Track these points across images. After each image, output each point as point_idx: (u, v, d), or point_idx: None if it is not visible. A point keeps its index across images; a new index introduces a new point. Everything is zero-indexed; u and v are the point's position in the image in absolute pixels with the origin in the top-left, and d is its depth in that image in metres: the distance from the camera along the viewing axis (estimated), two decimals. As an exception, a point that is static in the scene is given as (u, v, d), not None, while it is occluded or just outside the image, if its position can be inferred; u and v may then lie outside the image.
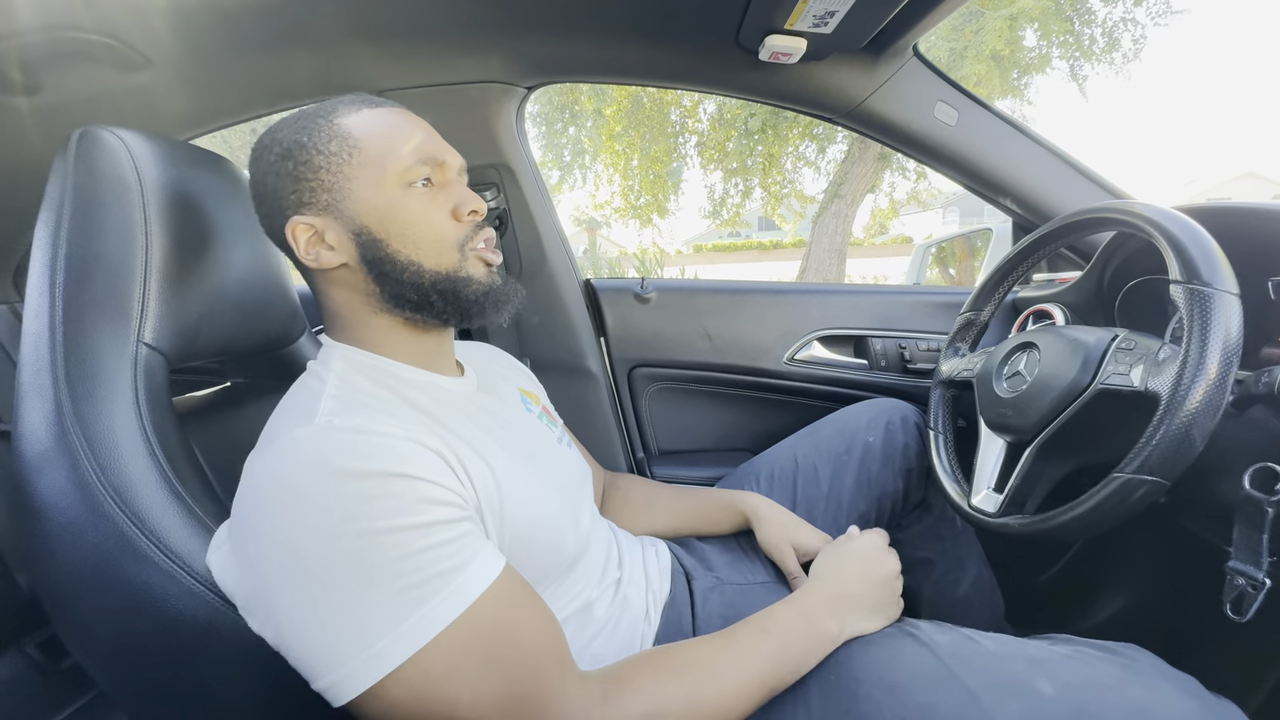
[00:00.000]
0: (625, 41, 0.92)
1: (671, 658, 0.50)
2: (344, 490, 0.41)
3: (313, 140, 0.51)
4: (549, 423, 0.71)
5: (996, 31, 5.52)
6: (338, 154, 0.51)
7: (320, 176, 0.51)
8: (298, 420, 0.46)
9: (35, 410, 0.48)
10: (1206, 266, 0.54)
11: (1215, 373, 0.50)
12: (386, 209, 0.51)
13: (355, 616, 0.39)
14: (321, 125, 0.52)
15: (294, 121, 0.53)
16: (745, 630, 0.54)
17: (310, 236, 0.52)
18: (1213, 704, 0.49)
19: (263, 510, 0.42)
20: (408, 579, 0.40)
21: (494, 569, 0.45)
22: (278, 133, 0.53)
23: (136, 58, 0.82)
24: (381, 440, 0.43)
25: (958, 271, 3.73)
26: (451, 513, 0.44)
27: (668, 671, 0.48)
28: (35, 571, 0.48)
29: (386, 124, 0.53)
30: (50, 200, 0.53)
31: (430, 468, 0.45)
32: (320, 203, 0.51)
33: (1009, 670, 0.52)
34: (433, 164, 0.54)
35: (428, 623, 0.40)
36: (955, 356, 0.87)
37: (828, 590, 0.59)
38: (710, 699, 0.48)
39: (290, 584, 0.40)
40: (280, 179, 0.52)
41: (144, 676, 0.50)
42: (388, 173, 0.51)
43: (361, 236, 0.52)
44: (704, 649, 0.51)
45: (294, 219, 0.51)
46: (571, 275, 1.13)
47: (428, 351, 0.58)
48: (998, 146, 0.98)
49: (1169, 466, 0.52)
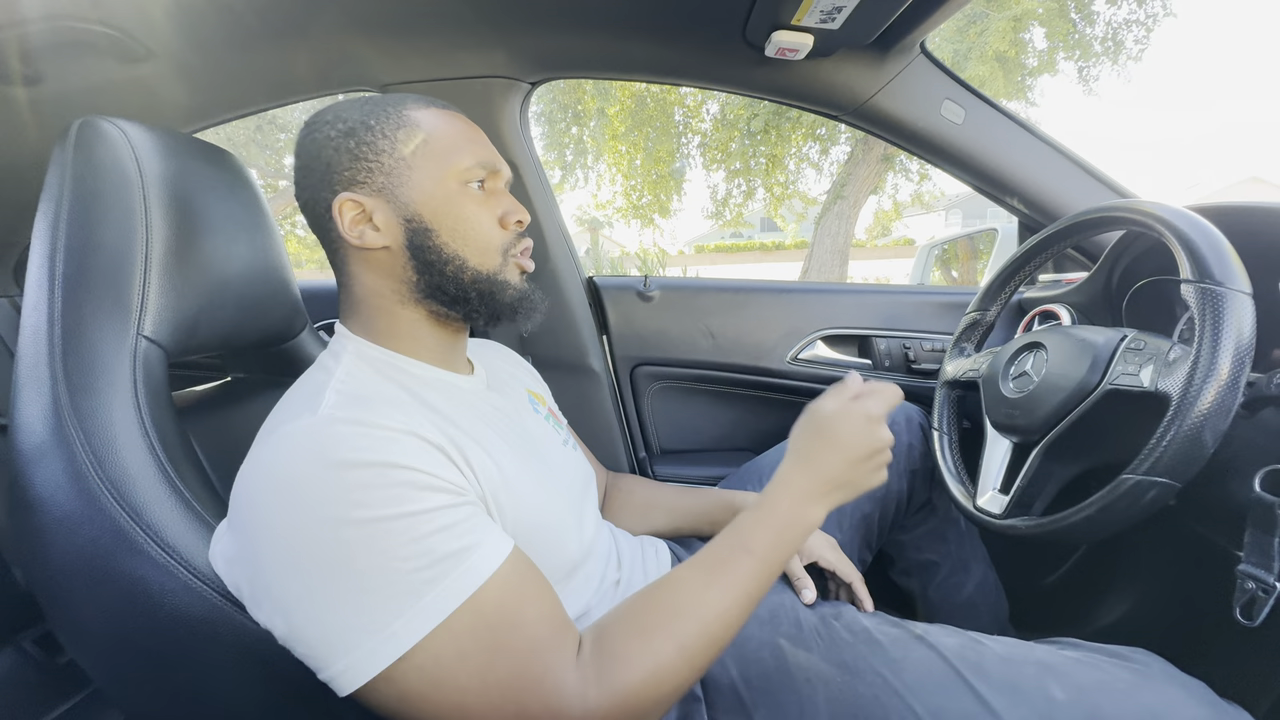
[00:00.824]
0: (630, 37, 0.91)
1: (657, 609, 0.47)
2: (344, 480, 0.40)
3: (380, 124, 0.53)
4: (555, 425, 0.71)
5: (1001, 32, 5.51)
6: (404, 141, 0.53)
7: (381, 159, 0.52)
8: (300, 411, 0.46)
9: (32, 403, 0.47)
10: (1219, 265, 0.53)
11: (1227, 373, 0.50)
12: (442, 201, 0.53)
13: (367, 601, 0.39)
14: (390, 113, 0.54)
15: (360, 104, 0.55)
16: (728, 554, 0.50)
17: (357, 214, 0.53)
18: (1224, 710, 0.49)
19: (264, 501, 0.42)
20: (416, 561, 0.40)
21: (503, 550, 0.45)
22: (342, 111, 0.54)
23: (139, 49, 0.82)
24: (382, 432, 0.43)
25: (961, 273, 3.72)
26: (452, 499, 0.44)
27: (657, 629, 0.46)
28: (30, 565, 0.48)
29: (453, 124, 0.56)
30: (50, 191, 0.52)
31: (429, 460, 0.44)
32: (375, 184, 0.53)
33: (1019, 675, 0.52)
34: (489, 170, 0.56)
35: (440, 604, 0.40)
36: (960, 357, 0.87)
37: (806, 482, 0.53)
38: (702, 639, 0.46)
39: (298, 574, 0.40)
40: (338, 154, 0.52)
41: (138, 672, 0.50)
42: (450, 168, 0.54)
43: (412, 223, 0.53)
44: (689, 589, 0.48)
45: (343, 195, 0.52)
46: (574, 272, 1.13)
47: (443, 348, 0.58)
48: (1005, 145, 0.98)
49: (1180, 469, 0.51)
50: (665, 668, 0.44)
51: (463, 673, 0.40)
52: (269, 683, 0.48)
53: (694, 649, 0.45)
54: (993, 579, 0.91)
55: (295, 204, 0.68)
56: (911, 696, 0.51)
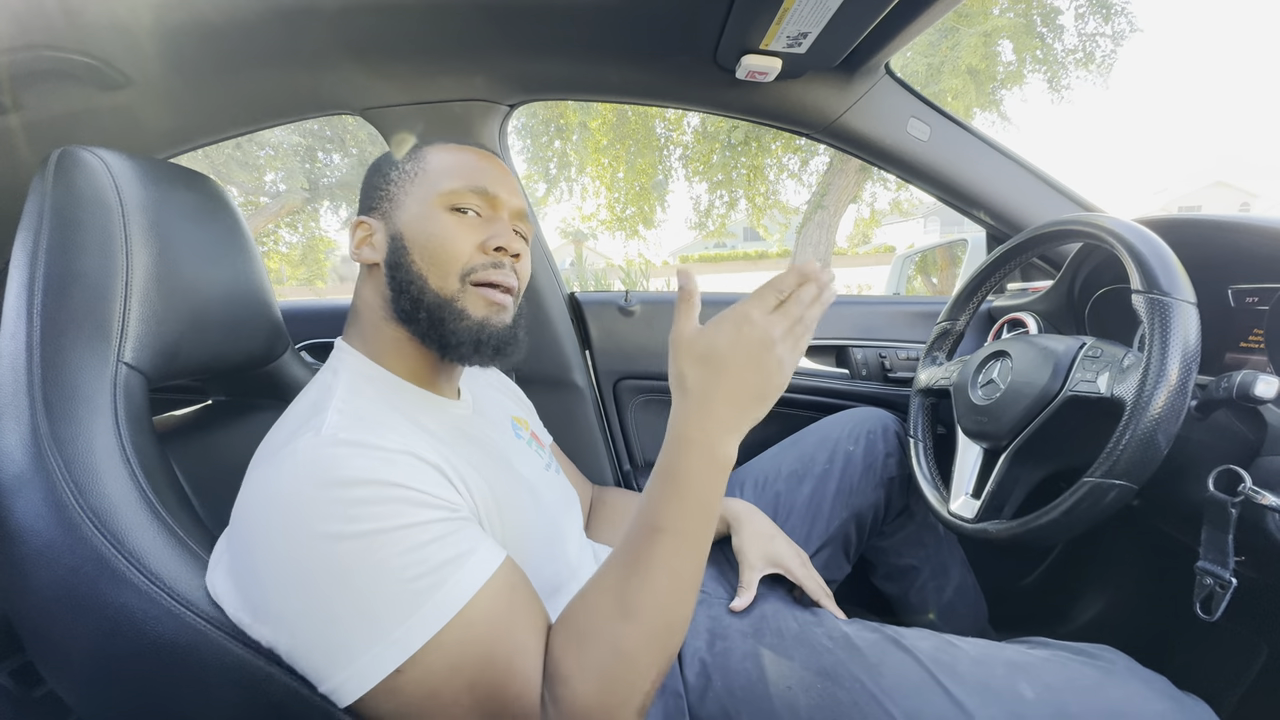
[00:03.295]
0: (605, 61, 0.94)
1: (586, 618, 0.45)
2: (344, 496, 0.41)
3: (400, 161, 0.60)
4: (537, 449, 0.72)
5: (972, 47, 5.66)
6: (409, 172, 0.59)
7: (389, 188, 0.59)
8: (303, 430, 0.47)
9: (11, 432, 0.47)
10: (1165, 277, 0.56)
11: (1176, 378, 0.52)
12: (421, 222, 0.56)
13: (369, 611, 0.40)
14: (414, 153, 0.60)
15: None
16: (640, 539, 0.46)
17: (365, 235, 0.59)
18: (1185, 703, 0.51)
19: (266, 520, 0.43)
20: (414, 570, 0.41)
21: (497, 557, 0.46)
22: (386, 153, 0.63)
23: (118, 77, 0.82)
24: (381, 454, 0.45)
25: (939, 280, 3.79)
26: (448, 512, 0.45)
27: (589, 639, 0.43)
28: (8, 597, 0.47)
29: (458, 157, 0.60)
30: (28, 220, 0.52)
31: (428, 480, 0.46)
32: (381, 209, 0.59)
33: (990, 675, 0.53)
34: (483, 196, 0.57)
35: (442, 609, 0.41)
36: (933, 365, 0.89)
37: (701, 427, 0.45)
38: (641, 634, 0.43)
39: (300, 589, 0.41)
40: (366, 186, 0.62)
41: (122, 702, 0.49)
42: (437, 191, 0.57)
43: (395, 242, 0.57)
44: (612, 588, 0.45)
45: (360, 217, 0.60)
46: (556, 289, 1.14)
47: (430, 371, 0.60)
48: (969, 160, 1.01)
49: (1136, 470, 0.53)
50: (610, 674, 0.42)
51: (463, 676, 0.41)
52: (256, 706, 0.48)
53: (634, 648, 0.43)
54: (971, 582, 0.93)
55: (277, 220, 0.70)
56: (889, 701, 0.52)
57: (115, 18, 0.74)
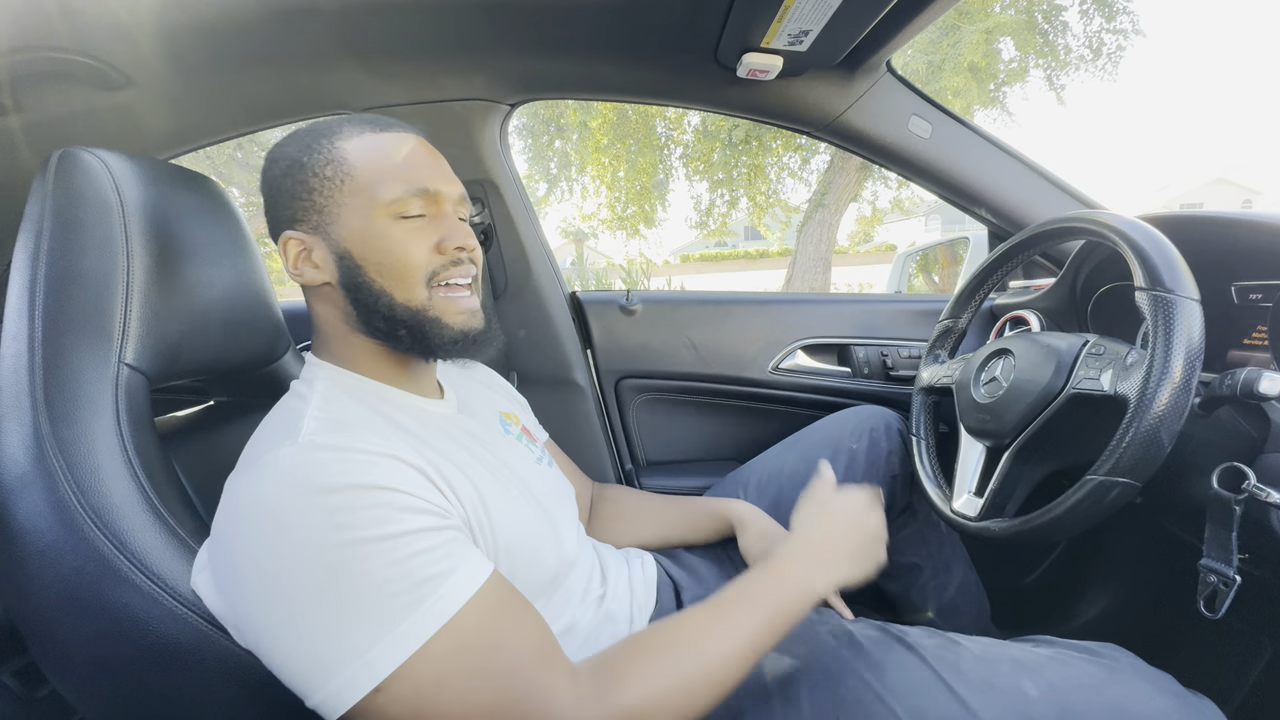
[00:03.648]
0: (606, 60, 0.93)
1: (662, 641, 0.49)
2: (326, 504, 0.41)
3: (311, 161, 0.53)
4: (528, 443, 0.72)
5: (973, 44, 5.65)
6: (331, 179, 0.53)
7: (313, 198, 0.53)
8: (280, 439, 0.46)
9: (13, 433, 0.47)
10: (1169, 273, 0.56)
11: (1180, 375, 0.52)
12: (369, 237, 0.52)
13: (346, 626, 0.40)
14: (323, 146, 0.53)
15: (301, 138, 0.55)
16: (735, 603, 0.53)
17: (299, 251, 0.54)
18: (1190, 701, 0.50)
19: (246, 530, 0.42)
20: (396, 585, 0.40)
21: (482, 573, 0.45)
22: (285, 146, 0.55)
23: (118, 77, 0.82)
24: (361, 456, 0.44)
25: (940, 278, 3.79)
26: (433, 520, 0.45)
27: (659, 657, 0.47)
28: (12, 597, 0.48)
29: (384, 152, 0.54)
30: (29, 221, 0.52)
31: (411, 482, 0.45)
32: (311, 221, 0.53)
33: (994, 673, 0.53)
34: (425, 197, 0.54)
35: (420, 628, 0.40)
36: (935, 363, 0.89)
37: (813, 550, 0.60)
38: (702, 677, 0.47)
39: (279, 601, 0.40)
40: (280, 194, 0.54)
41: (125, 701, 0.49)
42: (377, 202, 0.52)
43: (344, 260, 0.53)
44: (694, 628, 0.51)
45: (286, 233, 0.54)
46: (557, 289, 1.14)
47: (409, 373, 0.59)
48: (971, 158, 1.01)
49: (1140, 468, 0.53)
50: (664, 694, 0.45)
51: (445, 697, 0.40)
52: (258, 706, 0.48)
53: (694, 684, 0.47)
54: (974, 580, 0.93)
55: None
56: (892, 698, 0.52)
57: (115, 18, 0.74)
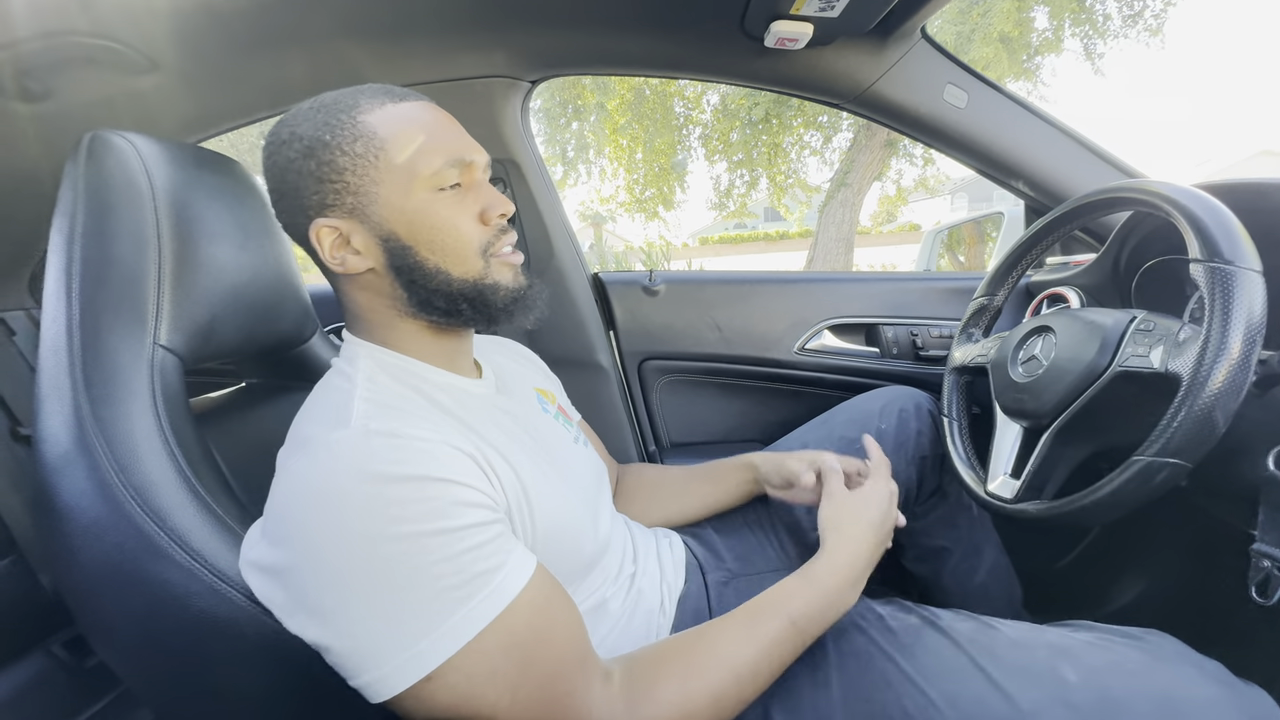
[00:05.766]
0: (629, 32, 0.91)
1: (697, 656, 0.49)
2: (385, 495, 0.41)
3: (336, 139, 0.48)
4: (565, 423, 0.71)
5: (1005, 13, 5.43)
6: (364, 155, 0.48)
7: (345, 179, 0.48)
8: (332, 423, 0.46)
9: (55, 414, 0.48)
10: (1228, 243, 0.53)
11: (1238, 352, 0.49)
12: (415, 214, 0.50)
13: (398, 617, 0.40)
14: (345, 122, 0.48)
15: (313, 115, 0.49)
16: (771, 622, 0.53)
17: (335, 240, 0.50)
18: (1241, 689, 0.49)
19: (304, 514, 0.43)
20: (448, 580, 0.41)
21: (528, 569, 0.45)
22: (296, 126, 0.49)
23: (141, 61, 0.82)
24: (418, 445, 0.44)
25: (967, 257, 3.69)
26: (486, 515, 0.45)
27: (692, 672, 0.48)
28: (59, 572, 0.49)
29: (414, 123, 0.50)
30: (63, 205, 0.53)
31: (465, 471, 0.45)
32: (345, 205, 0.49)
33: (1031, 658, 0.52)
34: (461, 166, 0.52)
35: (469, 623, 0.41)
36: (968, 342, 0.86)
37: (847, 563, 0.58)
38: (734, 693, 0.48)
39: (334, 587, 0.41)
40: (302, 178, 0.49)
41: (167, 673, 0.51)
42: (417, 177, 0.49)
43: (389, 243, 0.50)
44: (729, 645, 0.50)
45: (318, 221, 0.49)
46: (580, 269, 1.13)
47: (450, 353, 0.58)
48: (1009, 128, 0.97)
49: (1191, 449, 0.51)
50: (695, 714, 0.46)
51: (491, 690, 0.41)
52: (295, 680, 0.49)
53: (725, 700, 0.47)
54: (1005, 563, 0.91)
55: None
56: (925, 682, 0.51)
57: (136, 1, 0.74)
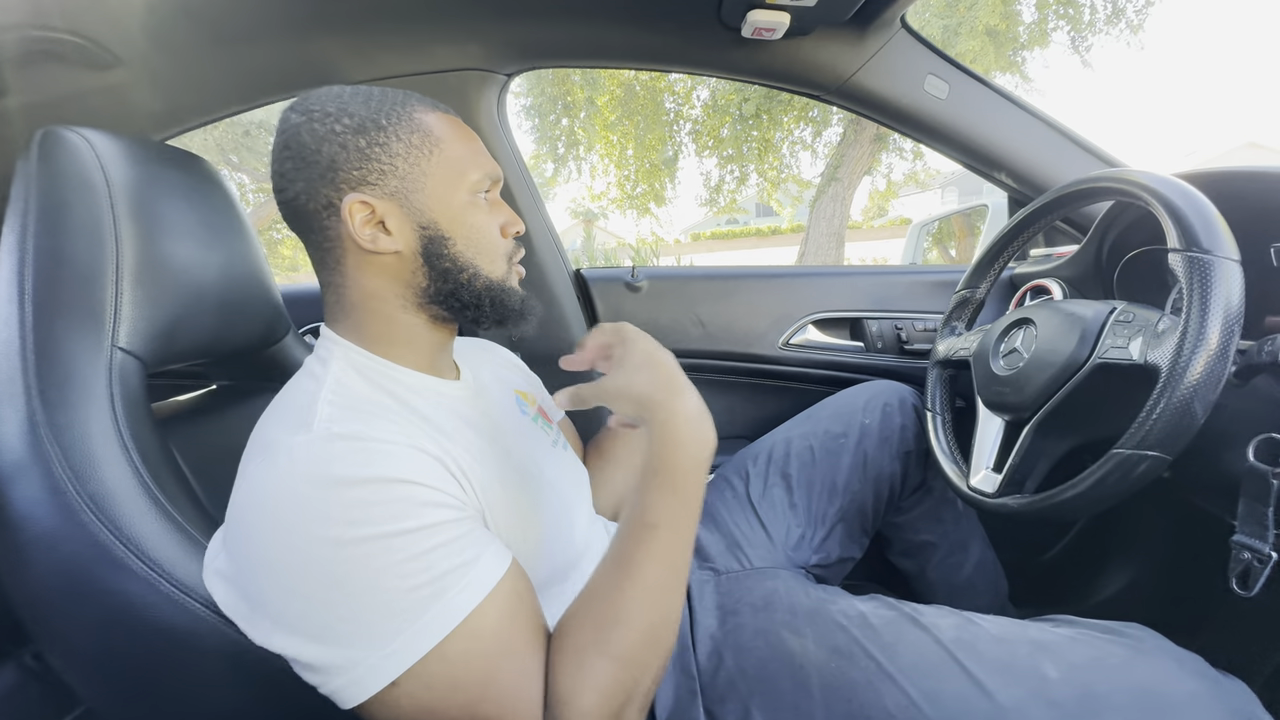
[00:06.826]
0: (606, 23, 0.90)
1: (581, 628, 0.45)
2: (346, 497, 0.40)
3: (392, 124, 0.51)
4: (544, 425, 0.70)
5: (991, 6, 5.44)
6: (419, 147, 0.51)
7: (396, 163, 0.50)
8: (294, 426, 0.45)
9: (7, 420, 0.47)
10: (1206, 233, 0.52)
11: (1216, 342, 0.49)
12: (458, 211, 0.53)
13: (367, 619, 0.39)
14: (401, 113, 0.52)
15: (364, 99, 0.51)
16: (633, 540, 0.47)
17: (367, 215, 0.50)
18: (1220, 682, 0.48)
19: (263, 521, 0.42)
20: (417, 579, 0.40)
21: (502, 564, 0.45)
22: (346, 103, 0.50)
23: (106, 56, 0.80)
24: (382, 447, 0.43)
25: (957, 250, 3.70)
26: (451, 514, 0.44)
27: (585, 650, 0.43)
28: (12, 584, 0.47)
29: (459, 132, 0.56)
30: (15, 204, 0.51)
31: (430, 473, 0.44)
32: (388, 187, 0.50)
33: (1012, 654, 0.52)
34: (492, 180, 0.57)
35: (441, 620, 0.40)
36: (951, 336, 0.86)
37: (674, 412, 0.50)
38: (636, 637, 0.44)
39: (297, 593, 0.40)
40: (345, 151, 0.49)
41: (124, 687, 0.49)
42: (465, 178, 0.53)
43: (428, 230, 0.52)
44: (606, 594, 0.46)
45: (354, 195, 0.49)
46: (561, 265, 1.12)
47: (433, 353, 0.58)
48: (990, 119, 0.96)
49: (1170, 441, 0.50)
50: (608, 683, 0.42)
51: (466, 688, 0.40)
52: (258, 691, 0.48)
53: (630, 651, 0.43)
54: (991, 558, 0.91)
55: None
56: (904, 680, 0.51)
57: (99, -6, 0.72)
